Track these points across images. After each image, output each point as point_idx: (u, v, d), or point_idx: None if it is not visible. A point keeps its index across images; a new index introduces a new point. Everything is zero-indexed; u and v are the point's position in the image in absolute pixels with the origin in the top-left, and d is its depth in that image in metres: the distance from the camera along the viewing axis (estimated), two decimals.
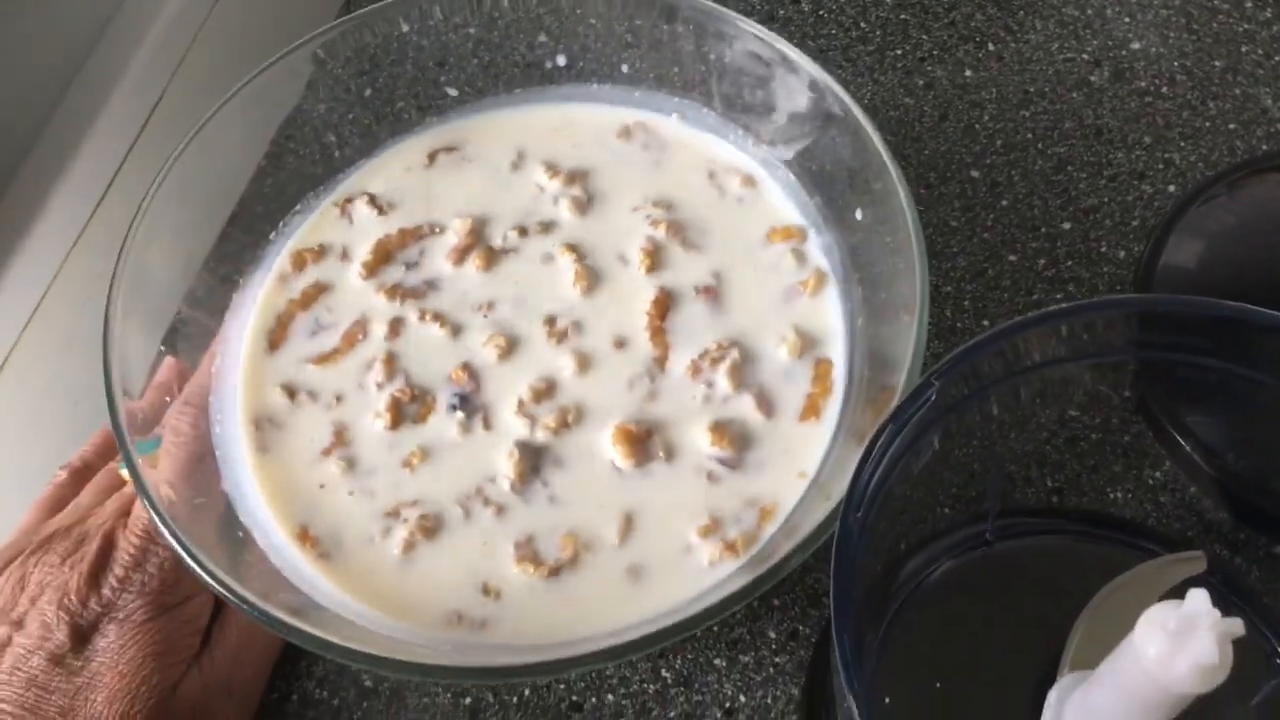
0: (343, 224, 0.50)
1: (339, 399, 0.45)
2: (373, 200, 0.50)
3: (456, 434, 0.44)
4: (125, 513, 0.43)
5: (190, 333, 0.46)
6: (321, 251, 0.49)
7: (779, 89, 0.48)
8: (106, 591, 0.41)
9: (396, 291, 0.47)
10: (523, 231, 0.49)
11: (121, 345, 0.41)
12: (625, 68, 0.51)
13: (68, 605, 0.40)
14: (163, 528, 0.38)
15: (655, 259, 0.48)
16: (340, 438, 0.44)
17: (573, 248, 0.48)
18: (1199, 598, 0.30)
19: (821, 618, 0.45)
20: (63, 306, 0.52)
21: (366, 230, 0.49)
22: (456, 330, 0.47)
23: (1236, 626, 0.30)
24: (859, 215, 0.46)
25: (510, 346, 0.46)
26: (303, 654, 0.45)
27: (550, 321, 0.46)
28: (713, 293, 0.47)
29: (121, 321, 0.42)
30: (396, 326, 0.47)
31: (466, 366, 0.45)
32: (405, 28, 0.51)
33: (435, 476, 0.44)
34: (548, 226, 0.49)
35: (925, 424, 0.34)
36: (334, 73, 0.50)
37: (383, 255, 0.49)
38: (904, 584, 0.43)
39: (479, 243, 0.49)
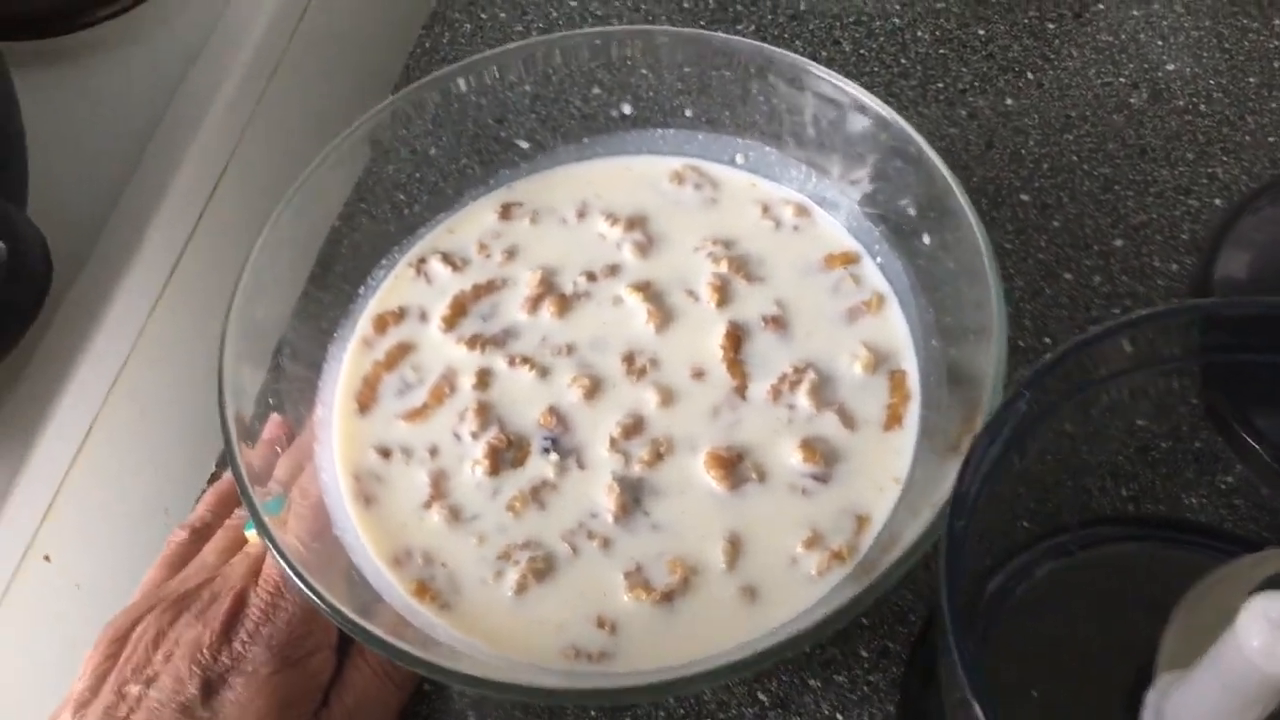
0: (420, 283, 0.51)
1: (433, 452, 0.46)
2: (446, 258, 0.51)
3: (553, 475, 0.45)
4: (255, 572, 0.44)
5: (289, 388, 0.47)
6: (402, 314, 0.50)
7: (840, 125, 0.50)
8: (237, 645, 0.42)
9: (477, 342, 0.48)
10: (591, 277, 0.50)
11: (236, 405, 0.43)
12: (688, 112, 0.53)
13: (200, 659, 0.41)
14: (295, 578, 0.39)
15: (723, 294, 0.49)
16: (439, 489, 0.45)
17: (640, 288, 0.49)
18: None
19: (910, 635, 0.46)
20: (140, 377, 0.53)
21: (444, 288, 0.51)
22: (544, 372, 0.48)
23: None
24: (926, 240, 0.47)
25: (595, 386, 0.47)
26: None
27: (629, 359, 0.47)
28: (779, 321, 0.48)
29: (234, 380, 0.43)
30: (485, 376, 0.48)
31: (553, 410, 0.46)
32: (464, 88, 0.52)
33: (540, 517, 0.44)
34: (614, 270, 0.50)
35: (1019, 433, 0.35)
36: (399, 134, 0.52)
37: (459, 309, 0.50)
38: (992, 598, 0.43)
39: (550, 291, 0.50)
